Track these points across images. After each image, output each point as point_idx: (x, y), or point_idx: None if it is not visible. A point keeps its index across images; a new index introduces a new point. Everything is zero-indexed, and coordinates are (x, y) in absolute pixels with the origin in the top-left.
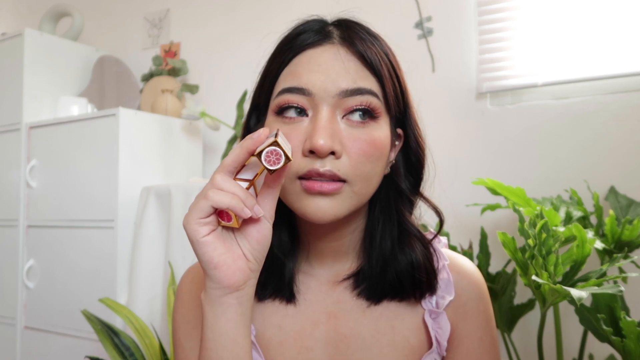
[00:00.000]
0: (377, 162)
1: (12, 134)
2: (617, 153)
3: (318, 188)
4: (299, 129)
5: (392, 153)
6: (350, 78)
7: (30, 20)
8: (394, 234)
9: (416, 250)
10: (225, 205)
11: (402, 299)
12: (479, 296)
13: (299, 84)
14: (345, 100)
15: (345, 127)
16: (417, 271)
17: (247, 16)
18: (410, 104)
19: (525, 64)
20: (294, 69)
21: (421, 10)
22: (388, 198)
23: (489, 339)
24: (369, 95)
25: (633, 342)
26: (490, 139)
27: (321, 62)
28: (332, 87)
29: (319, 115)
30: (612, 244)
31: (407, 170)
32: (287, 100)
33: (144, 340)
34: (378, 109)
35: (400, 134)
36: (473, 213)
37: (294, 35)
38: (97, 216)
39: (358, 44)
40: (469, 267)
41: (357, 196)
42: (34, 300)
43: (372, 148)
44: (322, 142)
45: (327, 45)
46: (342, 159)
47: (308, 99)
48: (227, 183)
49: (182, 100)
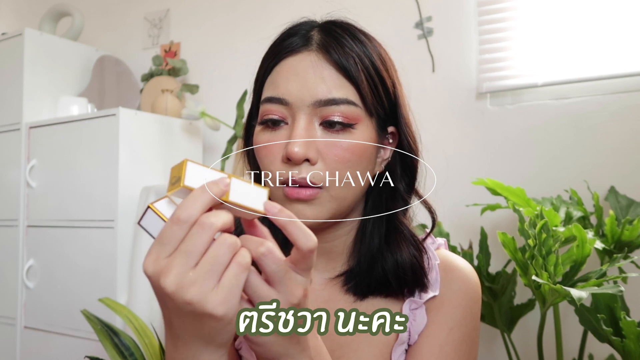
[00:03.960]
0: (356, 166)
1: (12, 134)
2: (617, 153)
3: (295, 195)
4: (279, 136)
5: (386, 151)
6: (325, 87)
7: (30, 20)
8: (382, 231)
9: (403, 249)
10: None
11: (387, 295)
12: (460, 289)
13: (277, 93)
14: (321, 110)
15: (322, 134)
16: (402, 270)
17: (247, 16)
18: (401, 102)
19: (525, 64)
20: (275, 78)
21: (421, 10)
22: (380, 196)
23: (460, 335)
24: (344, 105)
25: (633, 342)
26: (490, 139)
27: (298, 71)
28: (308, 96)
29: (295, 123)
30: (612, 244)
31: (402, 169)
32: (267, 110)
33: (144, 340)
34: (355, 116)
35: (393, 132)
36: (473, 213)
37: (279, 42)
38: (97, 216)
39: (333, 51)
40: (460, 264)
41: (336, 200)
42: (34, 300)
43: (349, 154)
44: (297, 150)
45: (305, 53)
46: (318, 166)
47: (286, 108)
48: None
49: (182, 100)
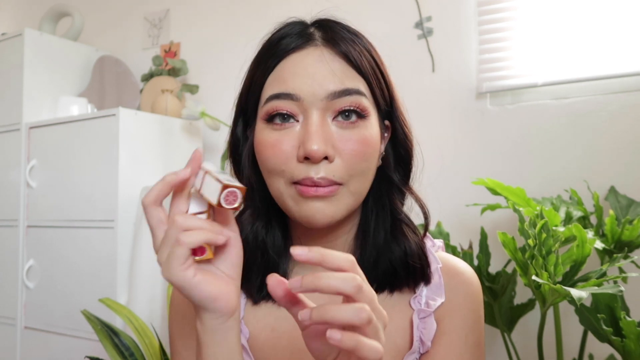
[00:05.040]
0: (370, 159)
1: (12, 134)
2: (617, 153)
3: (313, 192)
4: (290, 134)
5: (382, 145)
6: (337, 79)
7: (30, 20)
8: (387, 224)
9: (409, 238)
10: (201, 241)
11: (393, 290)
12: (467, 294)
13: (287, 89)
14: (334, 102)
15: (336, 129)
16: (411, 258)
17: (247, 16)
18: (395, 96)
19: (525, 64)
20: (280, 75)
21: (421, 10)
22: (380, 190)
23: (474, 340)
24: (357, 95)
25: (633, 342)
26: (490, 139)
27: (306, 66)
28: (320, 90)
29: (309, 120)
30: (612, 244)
31: (396, 161)
32: (275, 107)
33: (144, 340)
34: (367, 108)
35: (387, 125)
36: (473, 213)
37: (276, 40)
38: (97, 216)
39: (341, 44)
40: (462, 267)
41: (354, 195)
42: (34, 300)
43: (365, 147)
44: (316, 148)
45: (311, 48)
46: (335, 162)
47: (297, 104)
48: (190, 221)
49: (182, 100)
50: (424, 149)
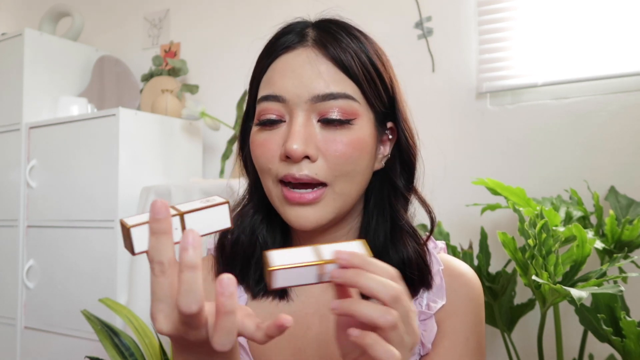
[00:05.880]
0: (357, 161)
1: (12, 134)
2: (617, 153)
3: (297, 199)
4: (278, 134)
5: (386, 147)
6: (322, 82)
7: (30, 20)
8: (387, 229)
9: (408, 247)
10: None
11: None
12: (469, 296)
13: (274, 91)
14: (319, 105)
15: (320, 131)
16: (409, 268)
17: (247, 16)
18: (399, 98)
19: (525, 64)
20: (271, 75)
21: (421, 10)
22: (382, 193)
23: (475, 342)
24: (342, 100)
25: (633, 342)
26: (490, 139)
27: (295, 67)
28: (305, 92)
29: (294, 120)
30: (612, 244)
31: (401, 166)
32: (264, 108)
33: (144, 340)
34: (354, 111)
35: (392, 127)
36: (473, 213)
37: (274, 40)
38: (97, 216)
39: (330, 46)
40: (463, 269)
41: (341, 196)
42: (34, 300)
43: (350, 149)
44: (296, 147)
45: (300, 49)
46: (318, 162)
47: (283, 105)
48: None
49: (182, 100)
50: (424, 149)
